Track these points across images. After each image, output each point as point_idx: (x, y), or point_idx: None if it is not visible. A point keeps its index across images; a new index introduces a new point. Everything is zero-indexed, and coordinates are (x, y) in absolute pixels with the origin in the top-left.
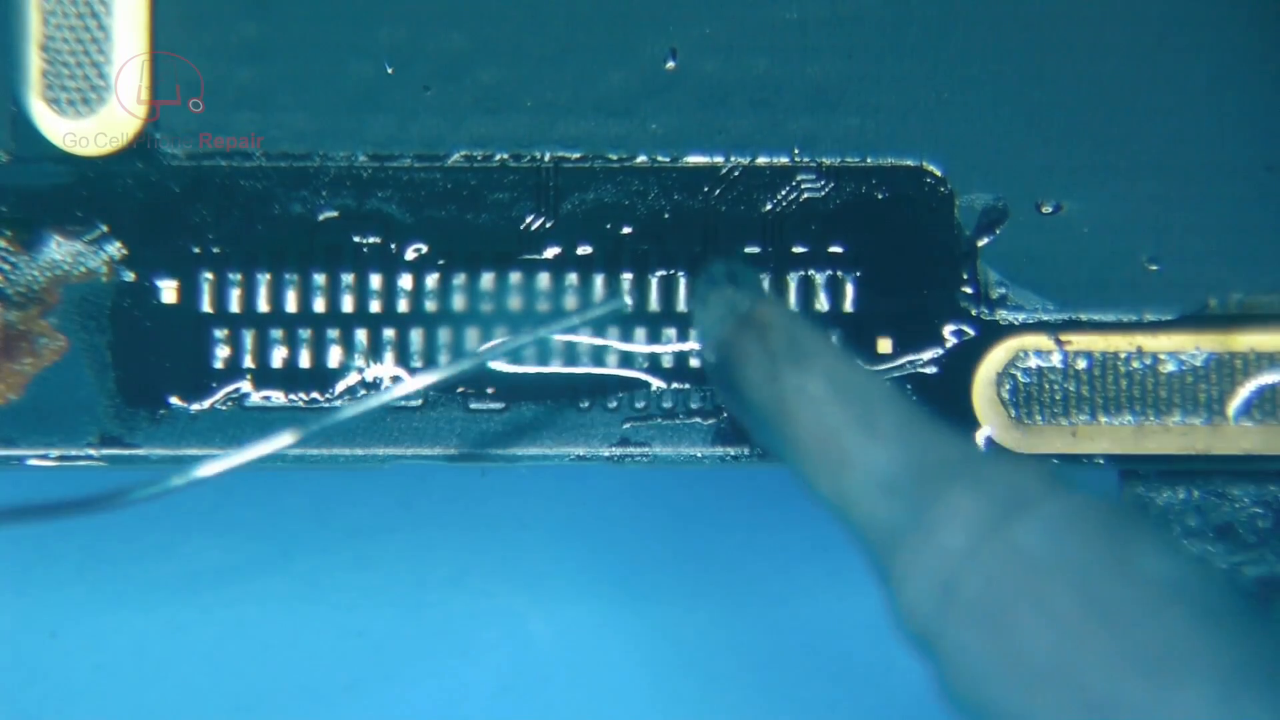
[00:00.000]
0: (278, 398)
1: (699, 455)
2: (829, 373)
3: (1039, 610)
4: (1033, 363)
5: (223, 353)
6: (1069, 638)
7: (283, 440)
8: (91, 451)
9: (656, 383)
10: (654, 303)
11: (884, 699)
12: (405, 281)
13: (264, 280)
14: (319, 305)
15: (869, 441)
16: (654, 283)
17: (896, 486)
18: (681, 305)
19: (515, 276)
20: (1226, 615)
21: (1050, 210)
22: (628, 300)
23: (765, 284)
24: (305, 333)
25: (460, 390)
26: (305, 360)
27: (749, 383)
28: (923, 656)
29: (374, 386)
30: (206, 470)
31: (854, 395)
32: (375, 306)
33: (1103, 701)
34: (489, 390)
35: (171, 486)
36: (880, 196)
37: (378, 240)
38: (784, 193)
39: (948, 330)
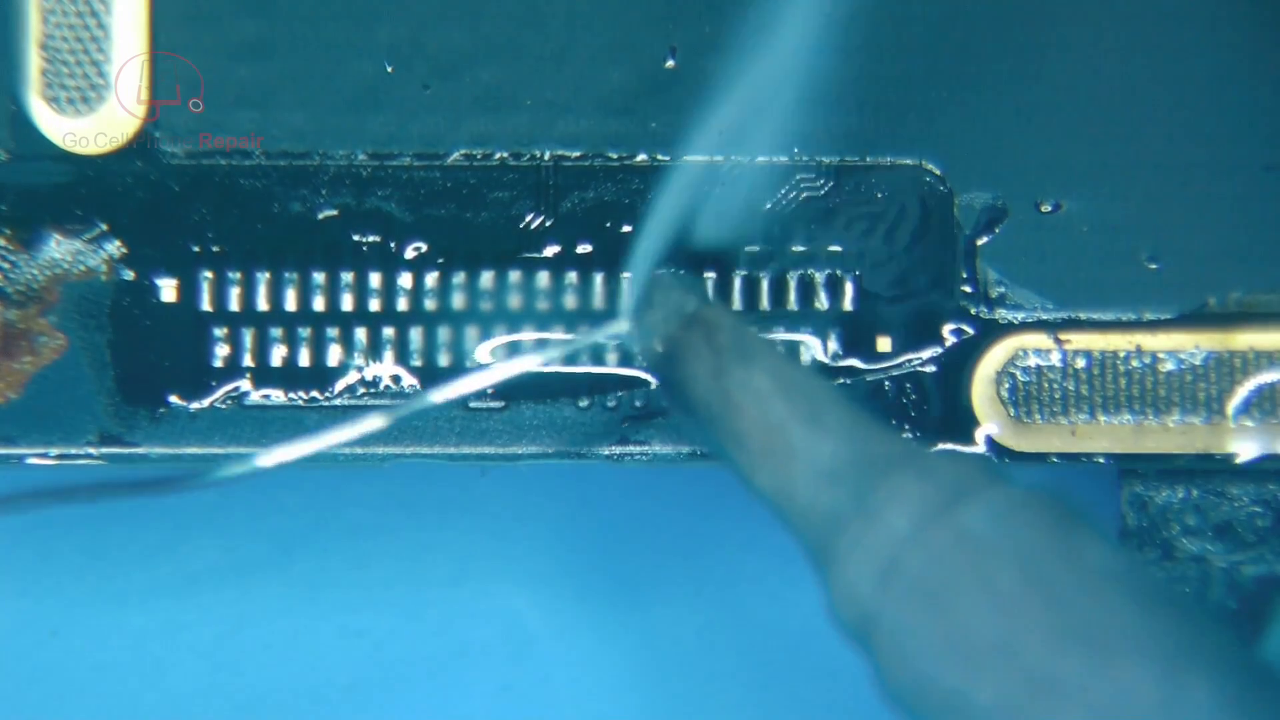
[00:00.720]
0: (277, 396)
1: (699, 453)
2: (775, 369)
3: (982, 587)
4: (1032, 361)
5: (222, 351)
6: (1011, 614)
7: (373, 423)
8: (91, 450)
9: (656, 381)
10: None
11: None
12: (405, 280)
13: (263, 279)
14: (318, 304)
15: (814, 433)
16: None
17: (840, 475)
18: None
19: (515, 275)
20: (1167, 600)
21: (1049, 209)
22: (620, 328)
23: (710, 289)
24: (305, 331)
25: None
26: (305, 359)
27: (694, 379)
28: (859, 646)
29: (373, 385)
30: (290, 452)
31: (800, 391)
32: (375, 305)
33: (1043, 677)
34: (488, 389)
35: (256, 468)
36: (879, 195)
37: (377, 239)
38: (783, 191)
39: (947, 329)
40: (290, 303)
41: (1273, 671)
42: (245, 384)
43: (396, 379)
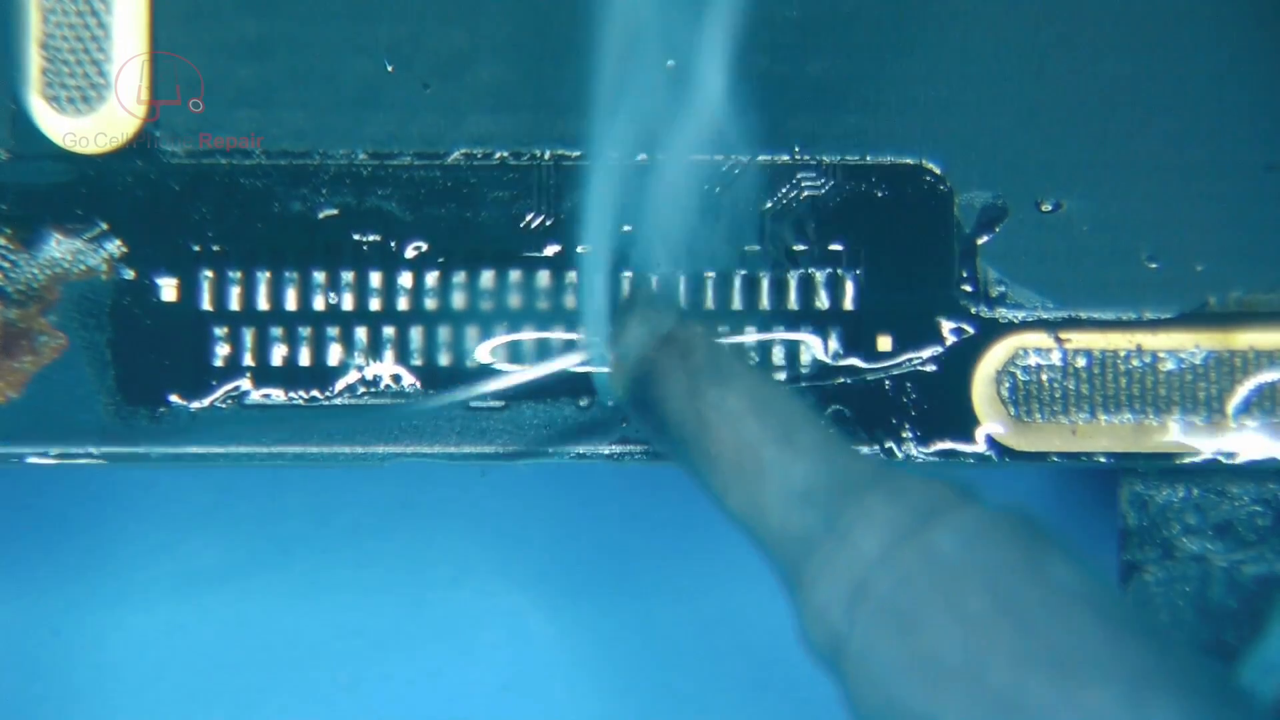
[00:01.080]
0: (277, 395)
1: None
2: (749, 390)
3: (950, 610)
4: (1032, 361)
5: (222, 350)
6: (979, 636)
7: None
8: (91, 449)
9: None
10: None
11: None
12: (405, 279)
13: (264, 278)
14: (319, 303)
15: (786, 454)
16: (653, 281)
17: (812, 497)
18: (681, 303)
19: (515, 274)
20: (1134, 622)
21: (1050, 208)
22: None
23: (684, 309)
24: (305, 331)
25: (461, 388)
26: (305, 358)
27: (668, 398)
28: (828, 668)
29: (373, 384)
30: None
31: (773, 412)
32: (375, 304)
33: (1010, 699)
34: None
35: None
36: (880, 194)
37: (377, 238)
38: (784, 191)
39: (947, 328)
40: (290, 302)
41: (1240, 693)
42: (246, 383)
43: (397, 378)
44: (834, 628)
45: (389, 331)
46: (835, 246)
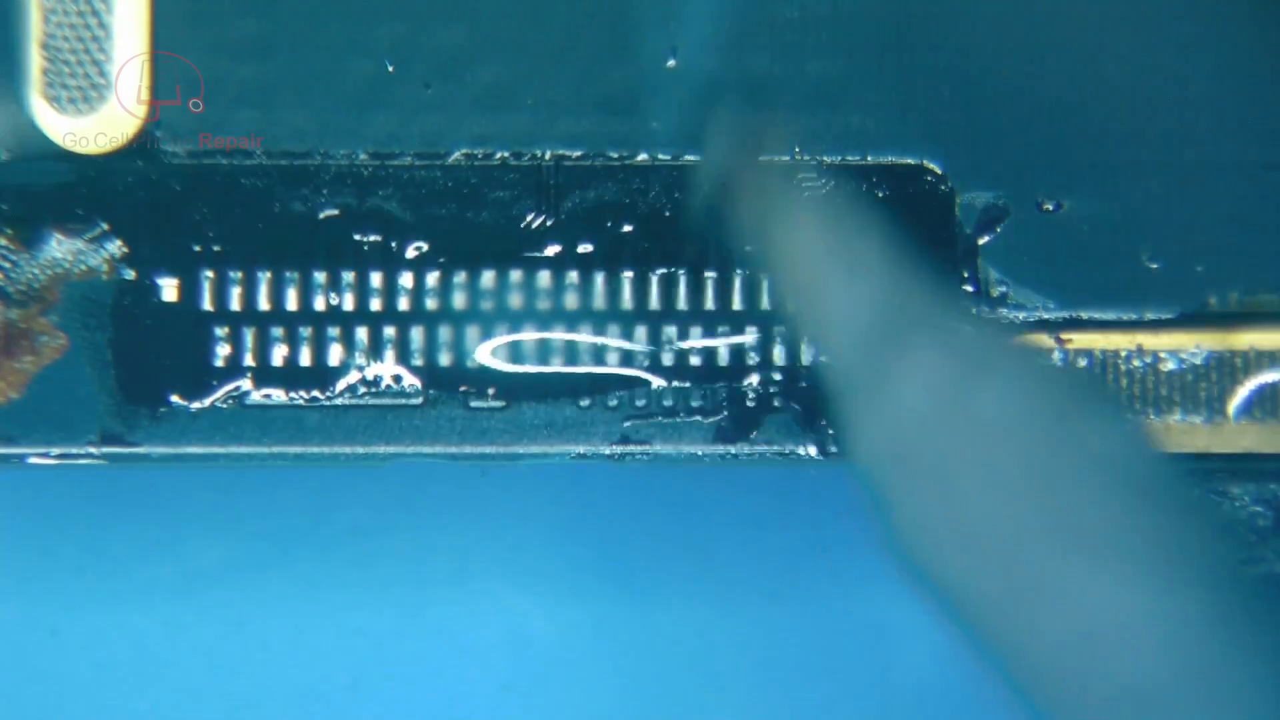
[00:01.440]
0: (278, 395)
1: (699, 453)
2: (819, 218)
3: (985, 477)
4: None
5: (223, 350)
6: (1009, 506)
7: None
8: (92, 449)
9: (657, 381)
10: (654, 301)
11: (882, 699)
12: (406, 279)
13: (264, 278)
14: (319, 303)
15: (848, 291)
16: (654, 280)
17: (867, 337)
18: (682, 303)
19: (516, 274)
20: (1164, 500)
21: (1051, 208)
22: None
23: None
24: (306, 331)
25: (461, 388)
26: (306, 358)
27: (744, 215)
28: (872, 506)
29: (374, 384)
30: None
31: (842, 242)
32: (376, 304)
33: (1033, 570)
34: (490, 389)
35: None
36: (881, 194)
37: (378, 238)
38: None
39: None
40: (291, 302)
41: (1262, 594)
42: (246, 383)
43: (398, 378)
44: (878, 478)
45: (390, 332)
46: None
